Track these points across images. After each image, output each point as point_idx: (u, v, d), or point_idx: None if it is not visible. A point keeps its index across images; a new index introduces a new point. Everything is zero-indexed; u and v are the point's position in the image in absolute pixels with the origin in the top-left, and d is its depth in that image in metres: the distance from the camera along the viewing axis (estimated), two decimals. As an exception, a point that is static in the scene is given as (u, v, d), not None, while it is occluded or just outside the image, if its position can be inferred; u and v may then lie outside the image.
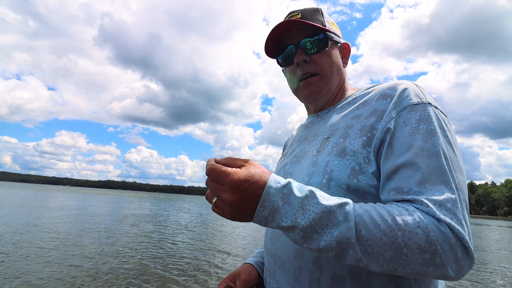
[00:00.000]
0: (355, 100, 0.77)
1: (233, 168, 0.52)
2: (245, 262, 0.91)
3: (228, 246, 9.29)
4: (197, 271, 6.08)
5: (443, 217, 0.49)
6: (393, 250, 0.48)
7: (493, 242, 16.75)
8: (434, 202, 0.51)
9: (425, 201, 0.51)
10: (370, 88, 0.78)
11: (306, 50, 0.77)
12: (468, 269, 0.51)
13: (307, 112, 0.94)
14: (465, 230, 0.50)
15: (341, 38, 0.84)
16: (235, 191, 0.50)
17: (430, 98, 0.64)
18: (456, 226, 0.49)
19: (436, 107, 0.63)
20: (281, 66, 0.88)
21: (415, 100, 0.62)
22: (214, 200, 0.53)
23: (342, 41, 0.84)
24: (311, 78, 0.79)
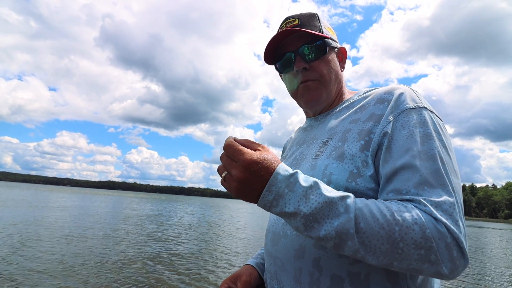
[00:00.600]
0: (352, 104, 0.79)
1: (248, 149, 0.55)
2: (246, 263, 0.92)
3: (229, 248, 9.28)
4: (198, 272, 6.08)
5: (440, 217, 0.51)
6: (390, 244, 0.50)
7: (493, 245, 16.67)
8: (432, 202, 0.52)
9: (423, 201, 0.53)
10: (367, 92, 0.79)
11: (305, 57, 0.78)
12: (462, 269, 0.52)
13: (305, 116, 0.96)
14: (461, 232, 0.52)
15: (337, 43, 0.85)
16: (246, 170, 0.53)
17: (425, 103, 0.66)
18: (452, 226, 0.51)
19: (431, 111, 0.64)
20: (279, 72, 0.88)
21: (411, 104, 0.64)
22: (224, 174, 0.56)
23: (338, 46, 0.85)
24: (310, 82, 0.79)
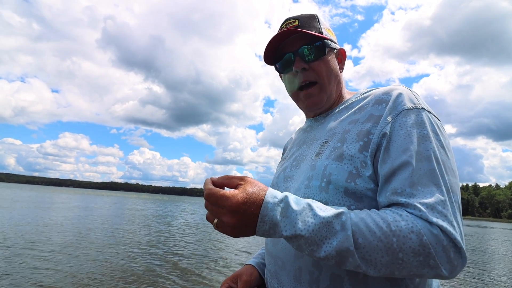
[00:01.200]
0: (351, 105, 0.79)
1: (230, 191, 0.53)
2: (246, 263, 0.93)
3: (230, 247, 9.31)
4: (199, 271, 6.09)
5: (435, 220, 0.52)
6: (390, 255, 0.51)
7: (496, 245, 16.60)
8: (426, 205, 0.53)
9: (418, 205, 0.54)
10: (366, 93, 0.80)
11: (304, 57, 0.79)
12: (461, 268, 0.53)
13: (305, 116, 0.96)
14: (456, 231, 0.53)
15: (337, 44, 0.85)
16: (234, 213, 0.52)
17: (423, 103, 0.67)
18: (448, 228, 0.52)
19: (429, 112, 0.65)
20: (279, 73, 0.89)
21: (409, 105, 0.65)
22: (215, 221, 0.55)
23: (338, 47, 0.85)
24: (311, 89, 0.80)
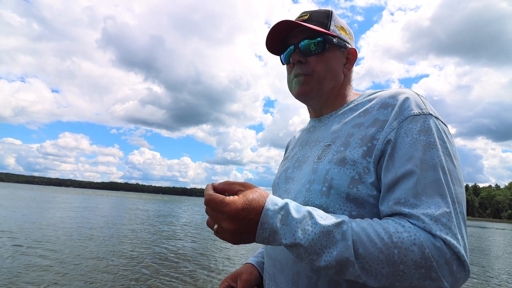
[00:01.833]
0: (356, 107, 0.77)
1: (230, 197, 0.53)
2: (246, 262, 0.93)
3: (231, 247, 9.29)
4: (199, 270, 6.09)
5: (439, 232, 0.50)
6: (390, 267, 0.49)
7: (496, 245, 16.59)
8: (430, 217, 0.52)
9: (422, 216, 0.52)
10: (372, 94, 0.77)
11: (303, 51, 0.78)
12: (464, 281, 0.52)
13: (309, 116, 0.94)
14: (460, 244, 0.51)
15: (347, 43, 0.82)
16: (234, 220, 0.51)
17: (431, 108, 0.64)
18: (452, 241, 0.50)
19: (437, 118, 0.63)
20: (282, 64, 0.89)
21: (416, 111, 0.62)
22: (215, 227, 0.55)
23: (348, 46, 0.81)
24: (302, 77, 0.79)
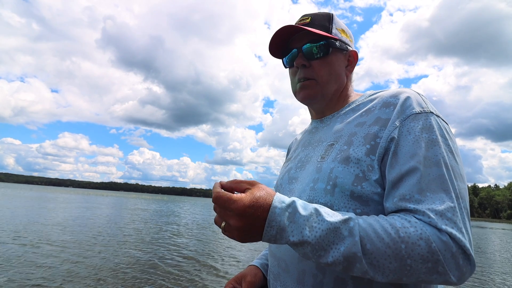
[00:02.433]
0: (358, 107, 0.78)
1: (238, 195, 0.54)
2: (250, 264, 0.93)
3: (235, 248, 9.29)
4: (203, 272, 6.08)
5: (444, 227, 0.51)
6: (398, 262, 0.50)
7: (495, 245, 16.61)
8: (436, 212, 0.52)
9: (427, 211, 0.53)
10: (373, 95, 0.78)
11: (306, 55, 0.79)
12: (470, 274, 0.53)
13: (310, 117, 0.95)
14: (465, 238, 0.52)
15: (349, 46, 0.83)
16: (242, 216, 0.52)
17: (432, 107, 0.65)
18: (458, 235, 0.51)
19: (438, 116, 0.64)
20: (285, 67, 0.89)
21: (417, 109, 0.63)
22: (222, 224, 0.55)
23: (349, 49, 0.83)
24: (306, 81, 0.80)
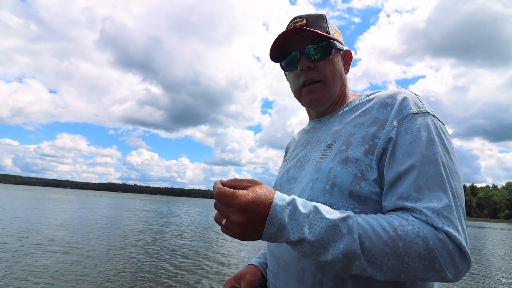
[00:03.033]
0: (356, 107, 0.79)
1: (240, 191, 0.54)
2: (249, 263, 0.93)
3: (234, 247, 9.30)
4: (203, 271, 6.07)
5: (441, 225, 0.53)
6: (396, 259, 0.51)
7: (493, 245, 16.68)
8: (433, 210, 0.54)
9: (424, 210, 0.54)
10: (370, 95, 0.79)
11: (310, 56, 0.79)
12: (466, 272, 0.54)
13: (308, 117, 0.95)
14: (461, 236, 0.53)
15: (343, 45, 0.85)
16: (244, 212, 0.52)
17: (428, 107, 0.67)
18: (454, 233, 0.53)
19: (434, 116, 0.65)
20: (284, 71, 0.89)
21: (414, 109, 0.65)
22: (223, 222, 0.55)
23: (344, 48, 0.85)
24: (314, 84, 0.80)
